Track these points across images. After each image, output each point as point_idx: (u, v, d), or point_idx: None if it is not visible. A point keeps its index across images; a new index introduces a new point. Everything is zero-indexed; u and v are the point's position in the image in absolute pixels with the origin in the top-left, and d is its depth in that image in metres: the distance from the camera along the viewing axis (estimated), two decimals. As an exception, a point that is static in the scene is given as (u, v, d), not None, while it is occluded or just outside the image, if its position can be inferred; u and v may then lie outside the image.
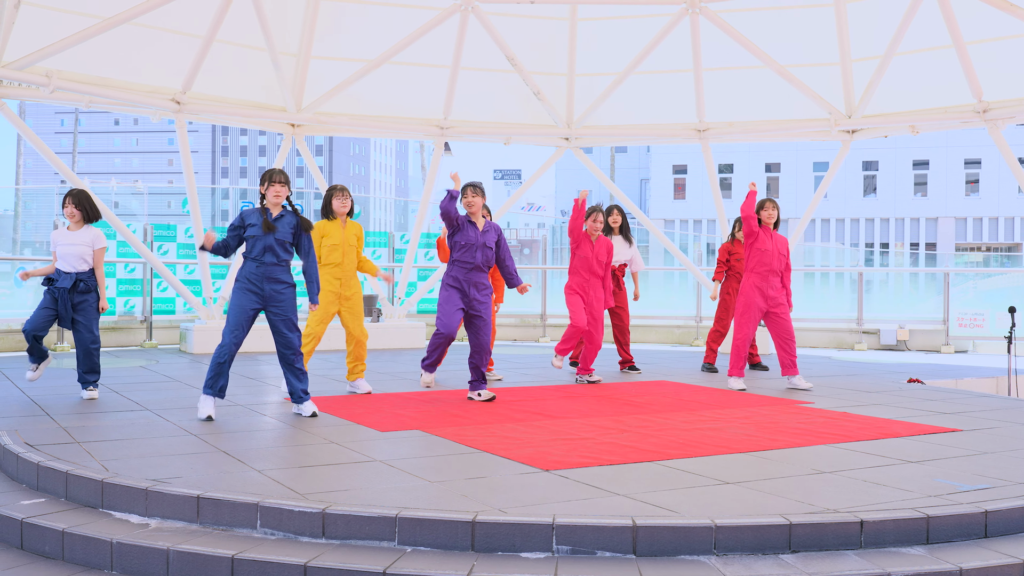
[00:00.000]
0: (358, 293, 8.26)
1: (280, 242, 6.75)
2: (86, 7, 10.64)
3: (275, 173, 6.77)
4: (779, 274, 9.02)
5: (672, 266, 21.81)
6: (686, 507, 4.25)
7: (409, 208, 46.26)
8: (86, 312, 7.73)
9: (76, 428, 6.29)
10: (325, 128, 13.63)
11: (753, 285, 8.96)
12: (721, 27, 11.89)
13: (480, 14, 12.10)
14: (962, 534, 4.18)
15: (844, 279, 21.90)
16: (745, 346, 8.97)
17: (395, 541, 4.05)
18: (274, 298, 6.75)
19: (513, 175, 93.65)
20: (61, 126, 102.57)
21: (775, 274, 8.98)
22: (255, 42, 11.92)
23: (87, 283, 7.71)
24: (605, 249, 9.25)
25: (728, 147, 43.49)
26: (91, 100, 11.34)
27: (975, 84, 11.18)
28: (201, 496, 4.39)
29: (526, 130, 13.95)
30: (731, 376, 9.01)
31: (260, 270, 6.71)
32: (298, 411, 6.98)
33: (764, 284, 8.94)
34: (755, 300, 8.94)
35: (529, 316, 16.39)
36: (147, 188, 39.91)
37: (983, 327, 14.99)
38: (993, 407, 7.71)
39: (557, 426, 6.56)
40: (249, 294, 6.69)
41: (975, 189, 44.25)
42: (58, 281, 7.63)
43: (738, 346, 8.98)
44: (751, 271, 9.01)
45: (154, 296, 13.74)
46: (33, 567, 4.30)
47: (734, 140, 14.42)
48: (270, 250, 6.71)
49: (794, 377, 8.96)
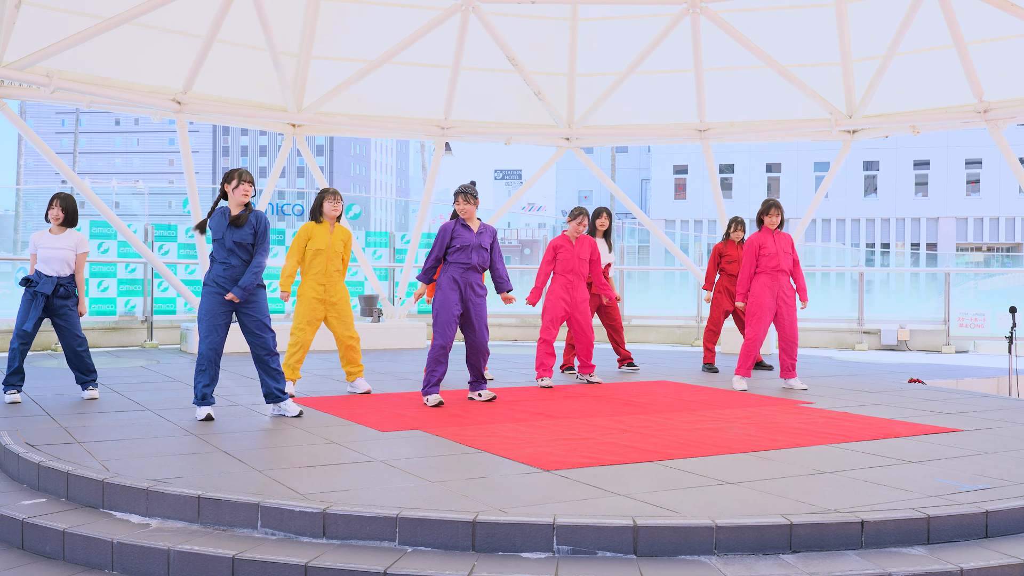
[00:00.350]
0: (345, 298, 8.19)
1: (240, 244, 6.68)
2: (87, 7, 10.64)
3: (245, 172, 6.73)
4: (788, 272, 9.02)
5: (673, 266, 21.80)
6: (687, 507, 4.25)
7: (410, 208, 46.28)
8: (68, 316, 7.69)
9: (77, 428, 6.29)
10: (326, 128, 13.64)
11: (764, 285, 8.95)
12: (722, 27, 11.89)
13: (481, 14, 12.10)
14: (963, 534, 4.17)
15: (845, 279, 21.90)
16: (756, 347, 8.97)
17: (396, 541, 4.05)
18: (245, 300, 6.71)
19: (514, 175, 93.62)
20: (62, 126, 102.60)
21: (784, 273, 8.98)
22: (256, 42, 11.93)
23: (67, 288, 7.67)
24: (588, 247, 9.22)
25: (729, 147, 43.49)
26: (92, 100, 11.35)
27: (976, 84, 11.18)
28: (202, 496, 4.39)
29: (527, 130, 13.95)
30: (737, 375, 9.03)
31: (228, 272, 6.68)
32: (280, 412, 6.90)
33: (774, 283, 8.94)
34: (765, 300, 8.92)
35: (529, 316, 16.39)
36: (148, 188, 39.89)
37: (984, 327, 14.99)
38: (994, 407, 7.71)
39: (558, 426, 6.56)
40: (219, 297, 6.66)
41: (976, 189, 44.22)
42: (39, 285, 7.57)
43: (748, 346, 8.98)
44: (760, 272, 9.01)
45: (155, 296, 13.75)
46: (34, 567, 4.30)
47: (735, 140, 14.42)
48: (233, 252, 6.68)
49: (791, 380, 8.98)
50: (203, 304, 6.65)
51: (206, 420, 6.61)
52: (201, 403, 6.67)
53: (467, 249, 7.68)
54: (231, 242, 6.65)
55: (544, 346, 8.99)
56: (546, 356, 8.98)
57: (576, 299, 9.06)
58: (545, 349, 8.98)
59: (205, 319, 6.61)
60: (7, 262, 15.43)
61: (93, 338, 13.21)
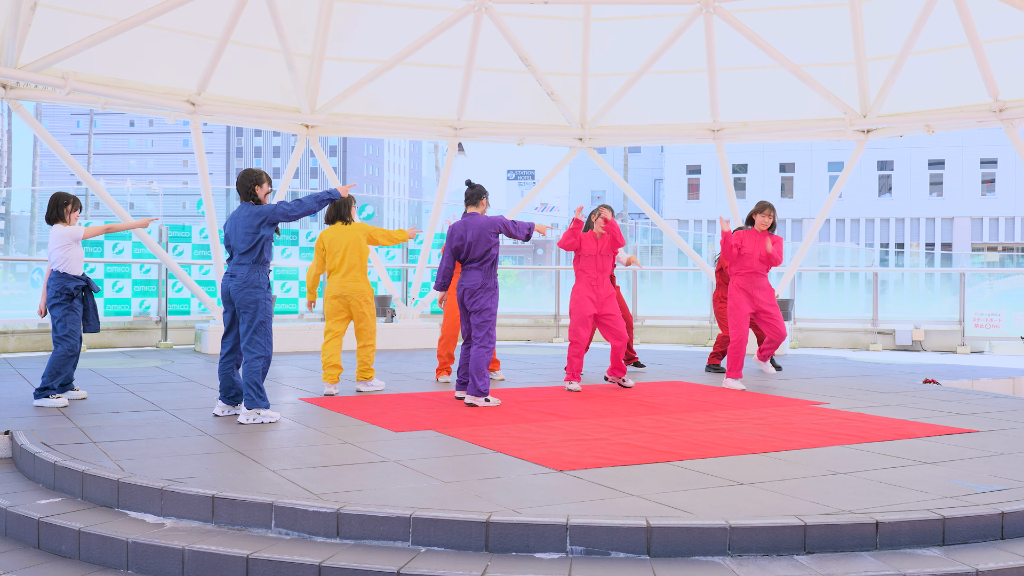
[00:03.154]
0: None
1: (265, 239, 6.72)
2: (101, 9, 10.70)
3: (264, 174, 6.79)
4: (762, 274, 9.23)
5: (686, 266, 21.76)
6: (700, 508, 4.24)
7: (423, 208, 46.34)
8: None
9: (92, 428, 6.32)
10: (339, 129, 13.67)
11: (737, 287, 9.20)
12: (735, 27, 11.86)
13: (494, 15, 12.11)
14: (978, 535, 4.15)
15: (859, 279, 21.80)
16: (742, 348, 9.10)
17: (409, 541, 4.06)
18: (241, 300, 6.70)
19: (527, 175, 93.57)
20: (77, 128, 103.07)
21: (758, 275, 9.21)
22: (269, 43, 11.97)
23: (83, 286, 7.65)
24: (608, 242, 9.18)
25: (742, 147, 43.34)
26: (107, 101, 11.40)
27: (991, 83, 11.12)
28: (216, 496, 4.41)
29: (540, 130, 13.94)
30: (729, 378, 9.10)
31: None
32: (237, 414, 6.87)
33: (749, 285, 9.17)
34: (742, 303, 9.15)
35: (542, 317, 16.40)
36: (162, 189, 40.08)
37: (999, 327, 14.90)
38: (1010, 408, 7.66)
39: (571, 427, 6.55)
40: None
41: (991, 189, 43.95)
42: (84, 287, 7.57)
43: (735, 348, 9.12)
44: (735, 274, 9.26)
45: (169, 297, 13.81)
46: (50, 566, 4.32)
47: (748, 140, 14.38)
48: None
49: (764, 363, 9.59)
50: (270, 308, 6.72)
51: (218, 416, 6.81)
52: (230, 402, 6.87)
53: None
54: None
55: (574, 348, 8.85)
56: (575, 358, 8.83)
57: (602, 296, 8.90)
58: (574, 351, 8.84)
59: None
60: (24, 263, 15.54)
61: (108, 338, 13.29)
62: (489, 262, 7.69)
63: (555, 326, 16.14)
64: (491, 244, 7.66)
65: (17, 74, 10.46)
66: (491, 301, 7.66)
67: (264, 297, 6.60)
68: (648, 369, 10.79)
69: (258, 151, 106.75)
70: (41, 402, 7.27)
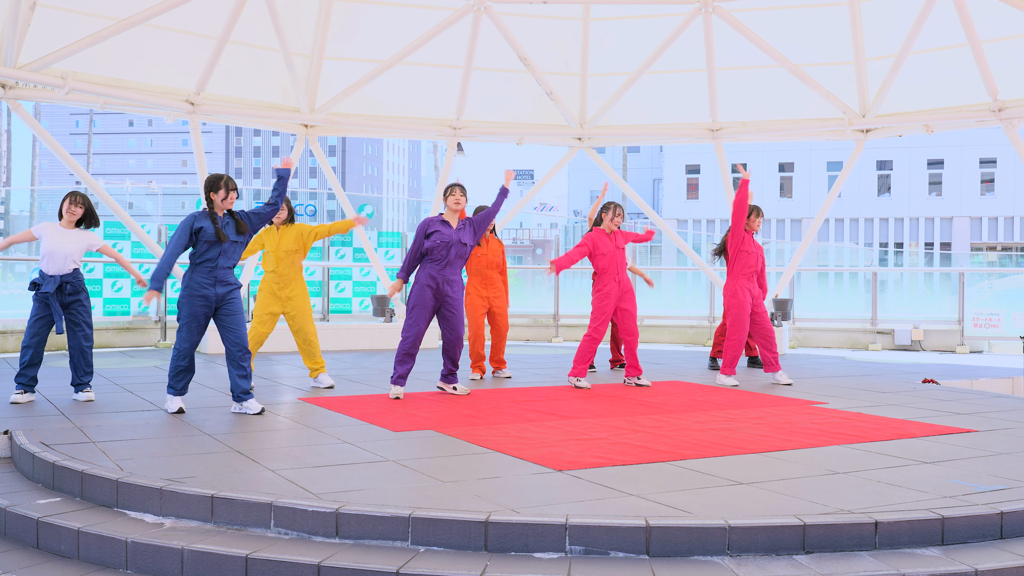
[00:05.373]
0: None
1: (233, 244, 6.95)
2: (101, 9, 10.70)
3: (231, 181, 7.01)
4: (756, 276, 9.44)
5: (685, 266, 21.76)
6: (699, 507, 4.24)
7: (422, 208, 46.37)
8: (78, 312, 7.67)
9: (91, 428, 6.32)
10: (338, 129, 13.67)
11: (742, 287, 9.25)
12: (734, 26, 11.86)
13: (493, 14, 12.11)
14: (977, 535, 4.15)
15: (858, 279, 21.83)
16: (740, 346, 9.22)
17: (408, 541, 4.06)
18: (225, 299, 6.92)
19: (526, 175, 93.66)
20: (76, 127, 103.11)
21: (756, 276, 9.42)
22: (269, 43, 11.97)
23: (74, 284, 7.63)
24: (622, 238, 9.16)
25: (741, 147, 43.33)
26: (106, 101, 11.41)
27: (990, 83, 11.13)
28: (215, 495, 4.41)
29: (539, 130, 13.95)
30: (723, 374, 9.21)
31: (213, 274, 6.87)
32: (241, 410, 6.96)
33: (751, 285, 9.31)
34: (745, 302, 9.22)
35: (542, 316, 16.40)
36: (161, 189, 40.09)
37: (998, 327, 14.91)
38: (1009, 408, 7.67)
39: (570, 426, 6.55)
40: (200, 299, 6.84)
41: (990, 188, 43.97)
42: (43, 286, 7.52)
43: (734, 346, 9.20)
44: (738, 274, 9.27)
45: (168, 296, 13.80)
46: (49, 566, 4.32)
47: (747, 140, 14.39)
48: (224, 254, 6.89)
49: (777, 373, 9.26)
50: (186, 307, 6.91)
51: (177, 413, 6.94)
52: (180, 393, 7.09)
53: (446, 246, 7.95)
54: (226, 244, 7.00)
55: (589, 343, 8.83)
56: (588, 353, 8.85)
57: (624, 287, 8.92)
58: (589, 347, 8.84)
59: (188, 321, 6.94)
60: (22, 262, 15.52)
61: (107, 338, 13.27)
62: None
63: (554, 326, 16.14)
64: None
65: (16, 74, 10.46)
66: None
67: (182, 295, 6.91)
68: (646, 369, 10.79)
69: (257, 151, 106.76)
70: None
